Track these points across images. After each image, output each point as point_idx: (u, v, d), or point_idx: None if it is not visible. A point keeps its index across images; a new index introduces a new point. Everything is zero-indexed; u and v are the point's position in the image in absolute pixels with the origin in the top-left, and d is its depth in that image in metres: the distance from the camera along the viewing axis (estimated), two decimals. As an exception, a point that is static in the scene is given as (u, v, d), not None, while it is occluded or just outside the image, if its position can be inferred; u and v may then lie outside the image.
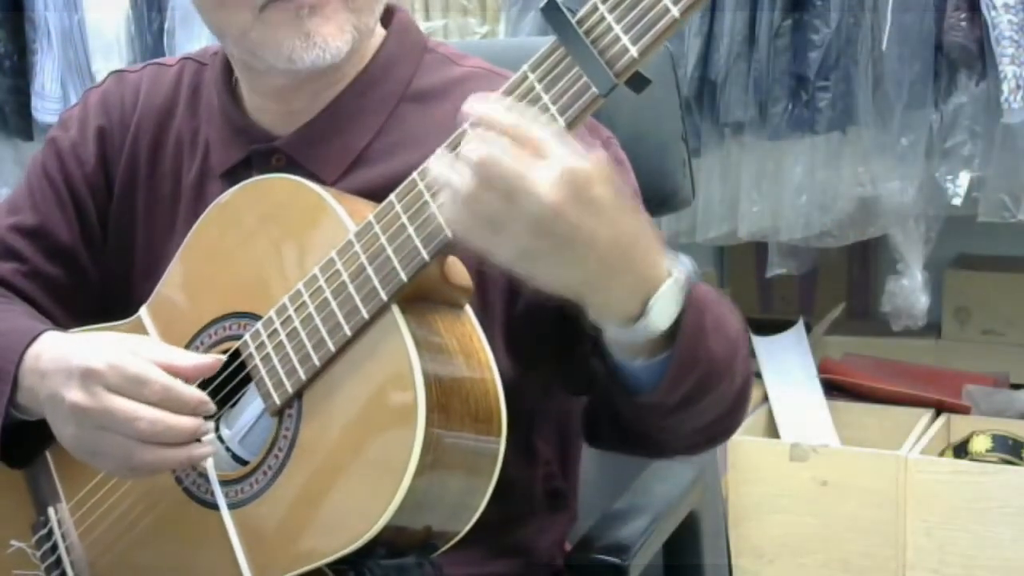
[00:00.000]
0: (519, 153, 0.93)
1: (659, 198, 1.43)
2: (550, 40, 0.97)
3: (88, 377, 1.11)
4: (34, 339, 1.20)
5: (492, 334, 1.13)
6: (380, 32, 1.28)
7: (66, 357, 1.14)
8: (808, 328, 2.93)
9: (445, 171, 0.97)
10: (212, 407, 1.13)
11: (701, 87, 2.55)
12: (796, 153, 2.58)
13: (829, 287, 3.20)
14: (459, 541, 1.10)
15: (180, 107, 1.32)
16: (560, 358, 1.22)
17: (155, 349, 1.14)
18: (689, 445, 1.22)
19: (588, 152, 0.95)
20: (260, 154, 1.25)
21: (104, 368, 1.11)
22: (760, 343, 2.78)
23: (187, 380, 1.12)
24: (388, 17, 1.29)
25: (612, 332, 1.05)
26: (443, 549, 1.10)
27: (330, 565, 1.07)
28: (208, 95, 1.31)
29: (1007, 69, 2.31)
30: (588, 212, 0.94)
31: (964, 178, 2.47)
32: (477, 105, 0.97)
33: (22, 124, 3.06)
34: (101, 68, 2.90)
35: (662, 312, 1.02)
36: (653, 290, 1.01)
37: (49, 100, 3.00)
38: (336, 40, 1.18)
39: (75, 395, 1.12)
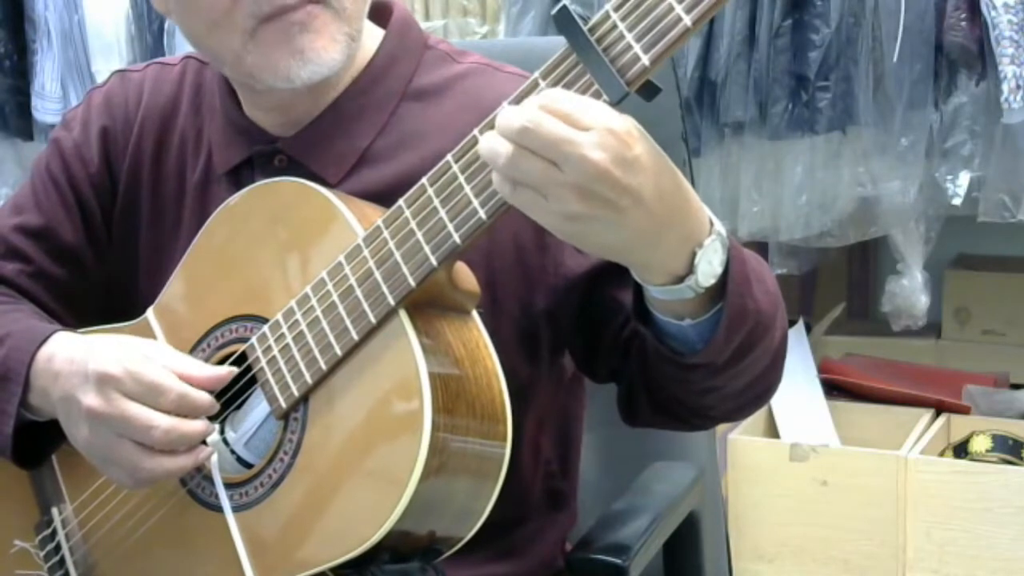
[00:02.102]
0: (556, 120, 0.92)
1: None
2: (552, 40, 0.97)
3: (105, 382, 1.11)
4: (45, 340, 1.20)
5: (503, 334, 1.13)
6: (379, 30, 1.27)
7: (82, 360, 1.14)
8: (808, 328, 2.93)
9: (488, 142, 0.95)
10: (217, 407, 1.13)
11: (701, 87, 2.55)
12: (796, 153, 2.58)
13: (829, 287, 3.20)
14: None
15: (183, 107, 1.32)
16: (586, 347, 1.22)
17: (170, 357, 1.14)
18: (732, 407, 1.20)
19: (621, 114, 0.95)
20: (262, 155, 1.25)
21: (121, 374, 1.11)
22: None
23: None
24: (387, 16, 1.28)
25: (659, 292, 1.03)
26: (447, 554, 1.10)
27: (334, 570, 1.06)
28: (210, 95, 1.31)
29: (1007, 69, 2.31)
30: (631, 171, 0.93)
31: (964, 178, 2.47)
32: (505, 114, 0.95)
33: (22, 124, 3.06)
34: (101, 68, 2.90)
35: (709, 266, 1.01)
36: (697, 245, 1.00)
37: (49, 100, 3.00)
38: (330, 52, 1.17)
39: (91, 400, 1.12)
